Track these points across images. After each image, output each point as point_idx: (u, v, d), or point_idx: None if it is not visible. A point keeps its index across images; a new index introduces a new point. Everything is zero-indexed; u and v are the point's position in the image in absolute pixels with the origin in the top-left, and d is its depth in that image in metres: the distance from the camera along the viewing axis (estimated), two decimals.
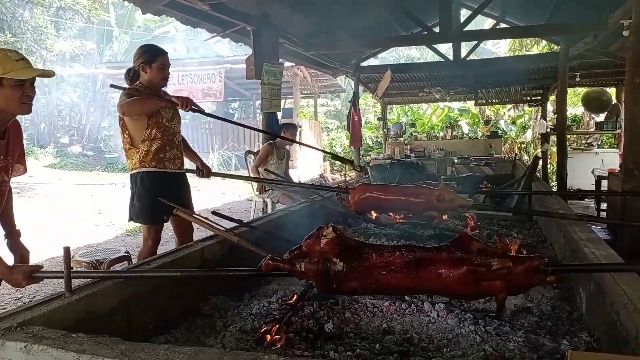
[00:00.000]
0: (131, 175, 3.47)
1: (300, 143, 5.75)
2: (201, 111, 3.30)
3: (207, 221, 2.84)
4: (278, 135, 5.77)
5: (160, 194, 3.22)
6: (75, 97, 20.12)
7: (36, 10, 15.69)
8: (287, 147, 6.30)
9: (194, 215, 2.99)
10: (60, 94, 19.70)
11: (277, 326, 2.00)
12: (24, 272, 2.04)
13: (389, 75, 8.91)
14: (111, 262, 4.06)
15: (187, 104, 3.27)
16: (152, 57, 3.36)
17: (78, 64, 19.14)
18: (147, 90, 3.36)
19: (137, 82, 3.42)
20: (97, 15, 17.24)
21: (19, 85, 2.09)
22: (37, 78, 2.18)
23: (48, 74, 2.22)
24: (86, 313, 1.88)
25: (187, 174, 3.73)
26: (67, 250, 1.88)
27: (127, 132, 3.40)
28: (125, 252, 4.33)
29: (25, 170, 2.52)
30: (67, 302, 1.83)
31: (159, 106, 3.31)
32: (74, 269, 2.03)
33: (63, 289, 1.89)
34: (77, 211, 9.00)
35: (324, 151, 10.37)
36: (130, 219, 3.54)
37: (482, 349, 1.86)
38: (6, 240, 2.45)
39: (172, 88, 12.62)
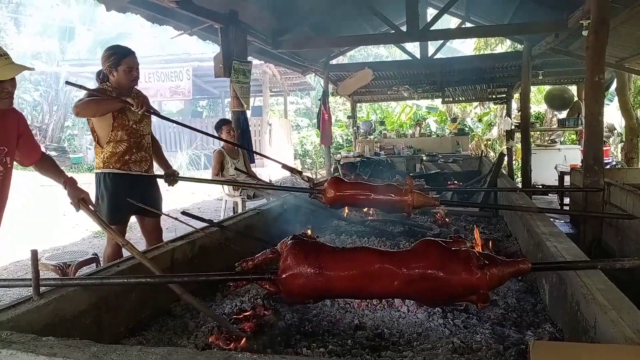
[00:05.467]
0: (95, 174, 3.44)
1: (238, 145, 5.51)
2: (156, 113, 3.17)
3: (103, 221, 2.74)
4: (218, 137, 5.58)
5: (122, 196, 3.17)
6: (37, 95, 19.54)
7: None
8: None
9: (92, 209, 2.85)
10: (21, 92, 19.10)
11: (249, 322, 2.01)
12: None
13: (370, 74, 8.88)
14: (79, 265, 3.99)
15: (141, 105, 3.08)
16: (118, 60, 3.28)
17: (40, 62, 18.60)
18: (116, 91, 3.29)
19: (107, 83, 3.36)
20: (58, 12, 16.80)
21: None
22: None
23: (29, 69, 2.29)
24: (56, 316, 1.85)
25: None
26: (34, 253, 1.84)
27: (94, 131, 3.38)
28: (93, 254, 4.25)
29: (38, 154, 2.74)
30: (35, 306, 1.80)
31: (115, 107, 3.21)
32: (41, 273, 2.00)
33: (30, 292, 1.86)
34: (42, 214, 8.75)
35: (268, 157, 10.30)
36: None
37: (451, 342, 1.91)
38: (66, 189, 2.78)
39: (139, 87, 12.36)
